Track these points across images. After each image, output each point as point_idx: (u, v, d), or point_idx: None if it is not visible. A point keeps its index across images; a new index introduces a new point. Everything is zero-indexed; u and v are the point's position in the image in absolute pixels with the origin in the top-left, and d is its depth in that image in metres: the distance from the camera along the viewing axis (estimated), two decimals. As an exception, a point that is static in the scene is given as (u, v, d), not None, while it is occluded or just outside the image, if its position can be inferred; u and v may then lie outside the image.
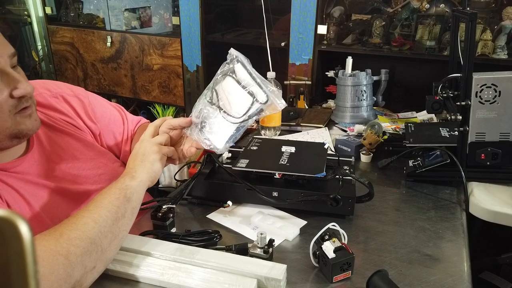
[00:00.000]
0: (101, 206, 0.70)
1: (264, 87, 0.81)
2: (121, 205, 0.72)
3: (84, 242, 0.65)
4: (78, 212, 0.70)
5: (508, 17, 1.68)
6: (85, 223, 0.67)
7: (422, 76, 1.88)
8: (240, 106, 0.82)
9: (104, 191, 0.74)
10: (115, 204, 0.72)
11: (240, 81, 0.81)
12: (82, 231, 0.66)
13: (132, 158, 0.82)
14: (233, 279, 0.69)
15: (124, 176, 0.78)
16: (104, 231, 0.68)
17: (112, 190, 0.74)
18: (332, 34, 1.98)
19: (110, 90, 2.74)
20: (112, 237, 0.70)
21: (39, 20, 2.94)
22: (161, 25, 2.71)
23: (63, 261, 0.61)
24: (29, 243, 0.22)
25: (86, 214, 0.69)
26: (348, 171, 0.98)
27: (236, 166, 0.98)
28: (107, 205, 0.71)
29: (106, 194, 0.73)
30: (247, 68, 0.81)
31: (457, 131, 1.08)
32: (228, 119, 0.81)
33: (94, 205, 0.71)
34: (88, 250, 0.65)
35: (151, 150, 0.82)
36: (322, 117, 1.57)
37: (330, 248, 0.73)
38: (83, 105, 0.99)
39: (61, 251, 0.62)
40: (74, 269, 0.62)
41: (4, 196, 0.76)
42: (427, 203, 1.01)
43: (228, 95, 0.81)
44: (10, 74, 0.72)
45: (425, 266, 0.79)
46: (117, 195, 0.73)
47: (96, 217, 0.68)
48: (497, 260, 1.24)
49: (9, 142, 0.77)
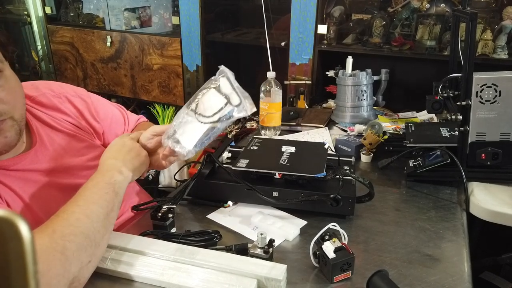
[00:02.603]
0: (91, 201, 0.71)
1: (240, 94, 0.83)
2: (110, 200, 0.73)
3: (79, 237, 0.65)
4: (67, 207, 0.70)
5: (508, 17, 1.68)
6: (78, 219, 0.67)
7: (422, 76, 1.88)
8: (212, 106, 0.83)
9: (92, 185, 0.75)
10: (105, 199, 0.73)
11: (221, 90, 0.82)
12: (75, 226, 0.66)
13: (117, 150, 0.83)
14: (233, 279, 0.69)
15: (111, 170, 0.78)
16: (97, 226, 0.69)
17: (101, 184, 0.75)
18: (332, 34, 1.98)
19: (110, 90, 2.74)
20: (104, 231, 0.71)
21: (39, 20, 2.94)
22: (161, 25, 2.71)
23: (59, 257, 0.62)
24: (29, 243, 0.22)
25: (77, 210, 0.69)
26: (348, 171, 0.98)
27: (236, 166, 0.98)
28: (98, 200, 0.72)
29: (95, 188, 0.74)
30: (230, 80, 0.83)
31: (458, 131, 1.08)
32: (200, 118, 0.82)
33: (84, 199, 0.71)
34: (83, 245, 0.66)
35: (142, 151, 0.85)
36: (322, 117, 1.57)
37: (330, 248, 0.73)
38: (86, 105, 1.01)
39: (56, 248, 0.62)
40: (71, 264, 0.63)
41: (4, 196, 0.76)
42: (427, 203, 1.01)
43: (205, 100, 0.83)
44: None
45: (425, 266, 0.78)
46: (107, 189, 0.74)
47: (89, 212, 0.69)
48: (497, 260, 1.24)
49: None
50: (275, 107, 1.38)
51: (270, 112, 1.38)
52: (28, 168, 0.82)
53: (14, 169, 0.80)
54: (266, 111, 1.38)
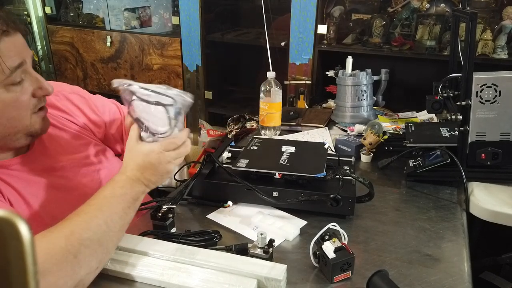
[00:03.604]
0: (115, 212, 0.71)
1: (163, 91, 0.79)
2: (130, 214, 0.74)
3: (94, 243, 0.66)
4: (88, 209, 0.69)
5: (508, 17, 1.68)
6: (99, 225, 0.68)
7: (422, 76, 1.88)
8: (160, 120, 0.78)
9: (119, 194, 0.73)
10: (126, 213, 0.73)
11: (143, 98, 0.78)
12: (94, 232, 0.67)
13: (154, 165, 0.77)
14: (233, 279, 0.69)
15: (141, 184, 0.76)
16: (112, 235, 0.70)
17: (128, 197, 0.73)
18: (332, 34, 1.98)
19: (110, 90, 2.73)
20: (116, 241, 0.72)
21: (39, 20, 2.94)
22: (161, 24, 2.71)
23: (72, 260, 0.62)
24: (28, 243, 0.22)
25: (99, 215, 0.69)
26: (348, 171, 0.98)
27: (236, 166, 0.98)
28: (120, 212, 0.72)
29: (120, 199, 0.72)
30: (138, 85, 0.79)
31: (458, 131, 1.08)
32: (161, 136, 0.79)
33: (109, 207, 0.71)
34: (96, 251, 0.67)
35: (171, 172, 0.81)
36: (322, 117, 1.57)
37: (330, 248, 0.73)
38: (85, 100, 1.02)
39: (71, 250, 0.63)
40: (81, 268, 0.64)
41: (7, 195, 0.76)
42: (427, 203, 1.01)
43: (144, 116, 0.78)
44: (33, 75, 0.77)
45: (425, 266, 0.78)
46: (130, 203, 0.74)
47: (109, 221, 0.69)
48: (497, 260, 1.24)
49: (24, 140, 0.81)
50: (275, 107, 1.38)
51: (270, 112, 1.38)
52: (29, 168, 0.82)
53: (16, 169, 0.81)
54: (266, 111, 1.38)
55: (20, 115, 0.76)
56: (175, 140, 0.79)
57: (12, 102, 0.74)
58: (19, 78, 0.74)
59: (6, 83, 0.72)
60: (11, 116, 0.75)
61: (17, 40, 0.74)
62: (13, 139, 0.78)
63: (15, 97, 0.74)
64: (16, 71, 0.73)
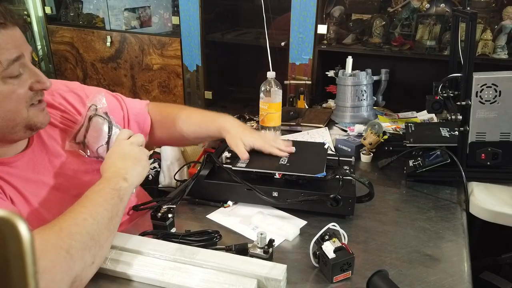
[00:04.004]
0: (97, 204, 0.72)
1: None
2: (115, 205, 0.75)
3: (84, 237, 0.67)
4: (74, 208, 0.71)
5: (508, 17, 1.68)
6: (84, 219, 0.69)
7: (422, 76, 1.87)
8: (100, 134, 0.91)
9: (97, 189, 0.76)
10: (110, 203, 0.74)
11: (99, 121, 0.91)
12: (82, 226, 0.68)
13: (119, 158, 0.84)
14: (233, 279, 0.69)
15: (116, 176, 0.79)
16: (101, 228, 0.70)
17: (107, 190, 0.76)
18: (332, 34, 1.98)
19: (110, 90, 2.73)
20: (108, 234, 0.72)
21: (39, 20, 2.93)
22: (161, 24, 2.71)
23: (64, 255, 0.63)
24: (28, 243, 0.22)
25: (83, 211, 0.70)
26: (348, 171, 0.98)
27: (236, 166, 0.98)
28: (103, 204, 0.73)
29: (100, 192, 0.75)
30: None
31: (458, 131, 1.08)
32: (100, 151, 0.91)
33: (90, 202, 0.73)
34: (88, 245, 0.67)
35: (143, 157, 0.86)
36: (322, 117, 1.57)
37: (330, 248, 0.73)
38: (80, 98, 1.02)
39: (63, 245, 0.63)
40: (75, 263, 0.64)
41: (8, 193, 0.77)
42: (427, 203, 1.01)
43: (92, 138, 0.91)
44: (31, 69, 0.78)
45: (425, 266, 0.78)
46: (112, 195, 0.75)
47: (94, 214, 0.70)
48: (497, 260, 1.24)
49: (23, 133, 0.81)
50: (275, 107, 1.38)
51: (270, 112, 1.38)
52: (28, 166, 0.83)
53: (16, 166, 0.81)
54: (266, 111, 1.38)
55: (17, 107, 0.77)
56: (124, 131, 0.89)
57: (9, 95, 0.74)
58: (17, 72, 0.74)
59: (4, 76, 0.73)
60: (7, 108, 0.75)
61: (15, 34, 0.74)
62: (11, 132, 0.78)
63: (12, 90, 0.75)
64: (14, 64, 0.73)
